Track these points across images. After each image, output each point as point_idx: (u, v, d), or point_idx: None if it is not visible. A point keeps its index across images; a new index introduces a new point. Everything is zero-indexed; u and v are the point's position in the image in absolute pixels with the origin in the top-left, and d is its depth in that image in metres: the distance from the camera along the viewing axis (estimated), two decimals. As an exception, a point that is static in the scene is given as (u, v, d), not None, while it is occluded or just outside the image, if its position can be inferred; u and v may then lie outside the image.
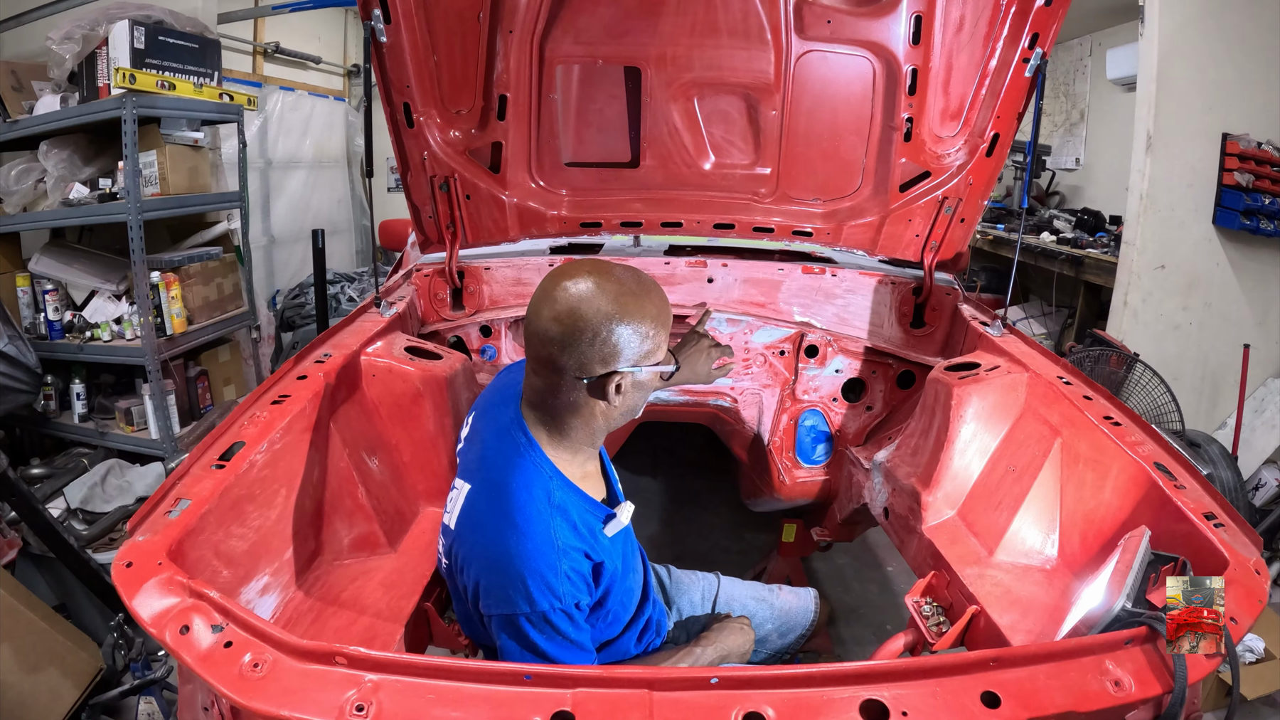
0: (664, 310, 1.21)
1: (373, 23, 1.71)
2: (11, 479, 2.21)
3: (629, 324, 1.14)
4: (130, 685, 2.10)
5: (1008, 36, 1.77)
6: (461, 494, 1.25)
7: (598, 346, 1.14)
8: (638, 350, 1.17)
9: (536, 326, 1.16)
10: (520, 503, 1.16)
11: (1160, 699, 0.91)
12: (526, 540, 1.13)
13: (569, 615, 1.15)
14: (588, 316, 1.12)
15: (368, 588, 1.37)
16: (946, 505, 1.65)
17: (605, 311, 1.13)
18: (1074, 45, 5.41)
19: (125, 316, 3.06)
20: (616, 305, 1.14)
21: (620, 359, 1.16)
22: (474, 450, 1.31)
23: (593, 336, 1.13)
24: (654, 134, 2.09)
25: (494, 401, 1.35)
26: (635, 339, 1.16)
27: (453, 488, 1.30)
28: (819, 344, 2.21)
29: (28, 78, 3.15)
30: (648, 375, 1.19)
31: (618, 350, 1.15)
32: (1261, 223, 3.39)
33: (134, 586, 0.95)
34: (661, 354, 1.21)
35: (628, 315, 1.14)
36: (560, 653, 1.15)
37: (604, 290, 1.14)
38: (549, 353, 1.15)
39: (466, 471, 1.28)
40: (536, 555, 1.13)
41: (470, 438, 1.35)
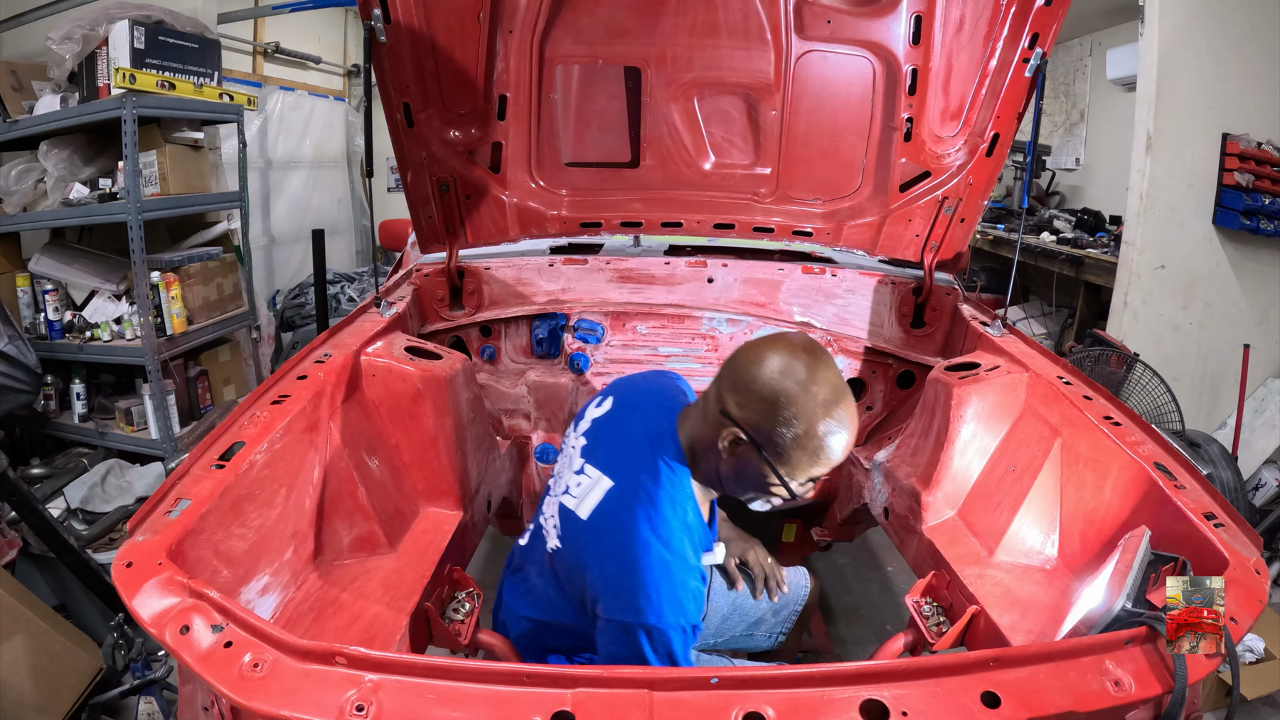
0: (840, 447, 1.14)
1: (373, 23, 1.71)
2: (11, 479, 2.21)
3: (807, 430, 1.10)
4: (130, 685, 2.10)
5: (1008, 36, 1.77)
6: (599, 487, 1.23)
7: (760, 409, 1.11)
8: (784, 449, 1.12)
9: (743, 357, 1.16)
10: (666, 516, 1.17)
11: (1160, 699, 0.91)
12: (668, 554, 1.14)
13: (684, 635, 1.15)
14: (791, 390, 1.10)
15: (368, 588, 1.37)
16: (946, 505, 1.65)
17: (797, 398, 1.10)
18: (1074, 45, 5.41)
19: (125, 316, 3.06)
20: (814, 404, 1.10)
21: (761, 431, 1.12)
22: (615, 442, 1.29)
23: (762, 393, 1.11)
24: (654, 134, 2.09)
25: (648, 402, 1.33)
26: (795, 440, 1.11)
27: (579, 471, 1.28)
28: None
29: (28, 78, 3.15)
30: (759, 468, 1.15)
31: (768, 422, 1.11)
32: (1261, 223, 3.39)
33: (134, 586, 0.95)
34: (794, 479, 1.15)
35: (807, 419, 1.10)
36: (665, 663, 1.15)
37: (832, 396, 1.11)
38: (726, 377, 1.17)
39: (605, 464, 1.26)
40: (674, 570, 1.14)
41: (608, 423, 1.33)
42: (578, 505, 1.25)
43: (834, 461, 1.14)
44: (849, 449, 1.16)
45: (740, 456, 1.16)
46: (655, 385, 1.39)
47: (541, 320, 2.22)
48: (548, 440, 2.26)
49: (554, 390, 2.21)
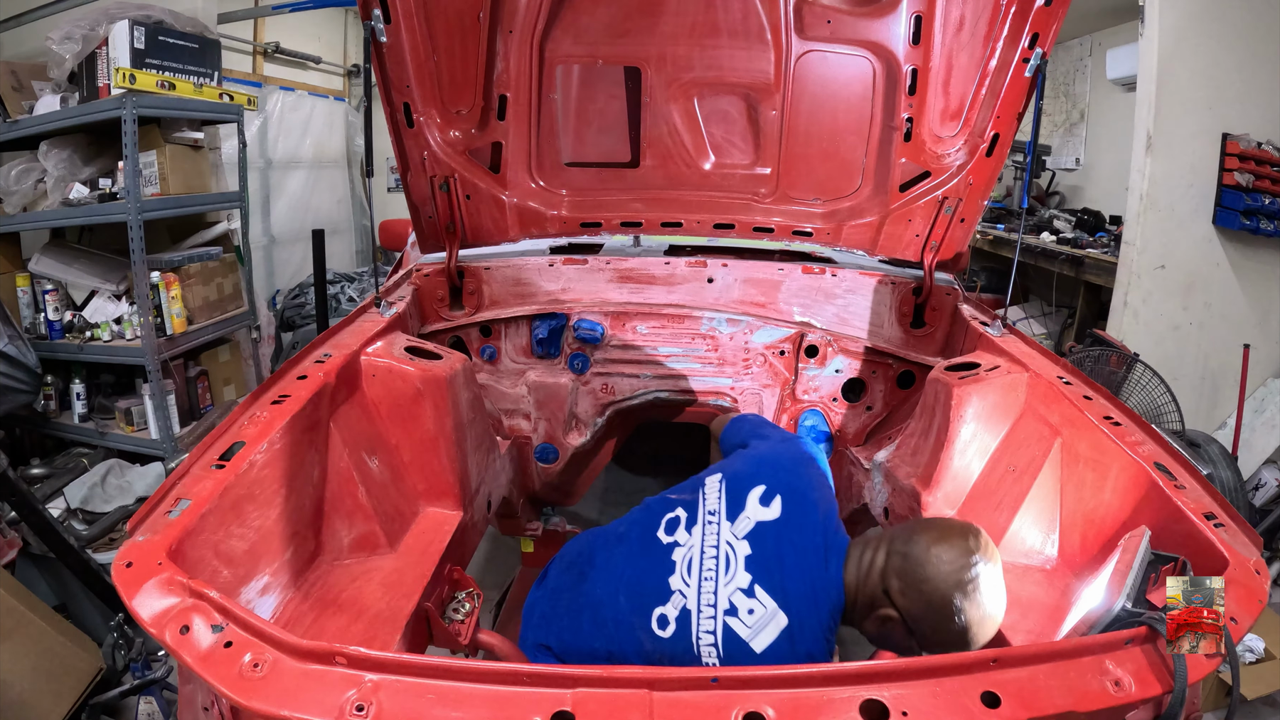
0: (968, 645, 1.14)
1: (373, 23, 1.71)
2: (11, 479, 2.21)
3: (951, 629, 1.12)
4: (130, 685, 2.10)
5: (1008, 36, 1.77)
6: (775, 623, 1.19)
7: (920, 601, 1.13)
8: (928, 637, 1.15)
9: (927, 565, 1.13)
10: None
11: (1160, 699, 0.91)
12: None
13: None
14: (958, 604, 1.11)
15: (368, 588, 1.37)
16: (946, 505, 1.65)
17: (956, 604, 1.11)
18: (1074, 45, 5.41)
19: (125, 316, 3.06)
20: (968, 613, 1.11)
21: (916, 622, 1.14)
22: (792, 573, 1.23)
23: (929, 599, 1.12)
24: (654, 134, 2.09)
25: (817, 530, 1.28)
26: (937, 634, 1.13)
27: (749, 592, 1.22)
28: (819, 344, 2.21)
29: (28, 78, 3.15)
30: (901, 639, 1.17)
31: (924, 612, 1.13)
32: (1261, 223, 3.39)
33: (134, 586, 0.95)
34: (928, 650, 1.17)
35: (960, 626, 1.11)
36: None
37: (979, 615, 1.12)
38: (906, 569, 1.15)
39: (781, 595, 1.21)
40: None
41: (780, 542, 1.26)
42: (752, 638, 1.20)
43: (963, 645, 1.15)
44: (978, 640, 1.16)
45: (888, 628, 1.18)
46: (824, 497, 1.35)
47: (541, 320, 2.22)
48: (548, 440, 2.26)
49: (554, 390, 2.21)
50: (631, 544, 1.39)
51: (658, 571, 1.31)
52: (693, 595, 1.25)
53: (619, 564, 1.38)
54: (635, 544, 1.39)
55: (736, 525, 1.30)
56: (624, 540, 1.42)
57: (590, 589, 1.38)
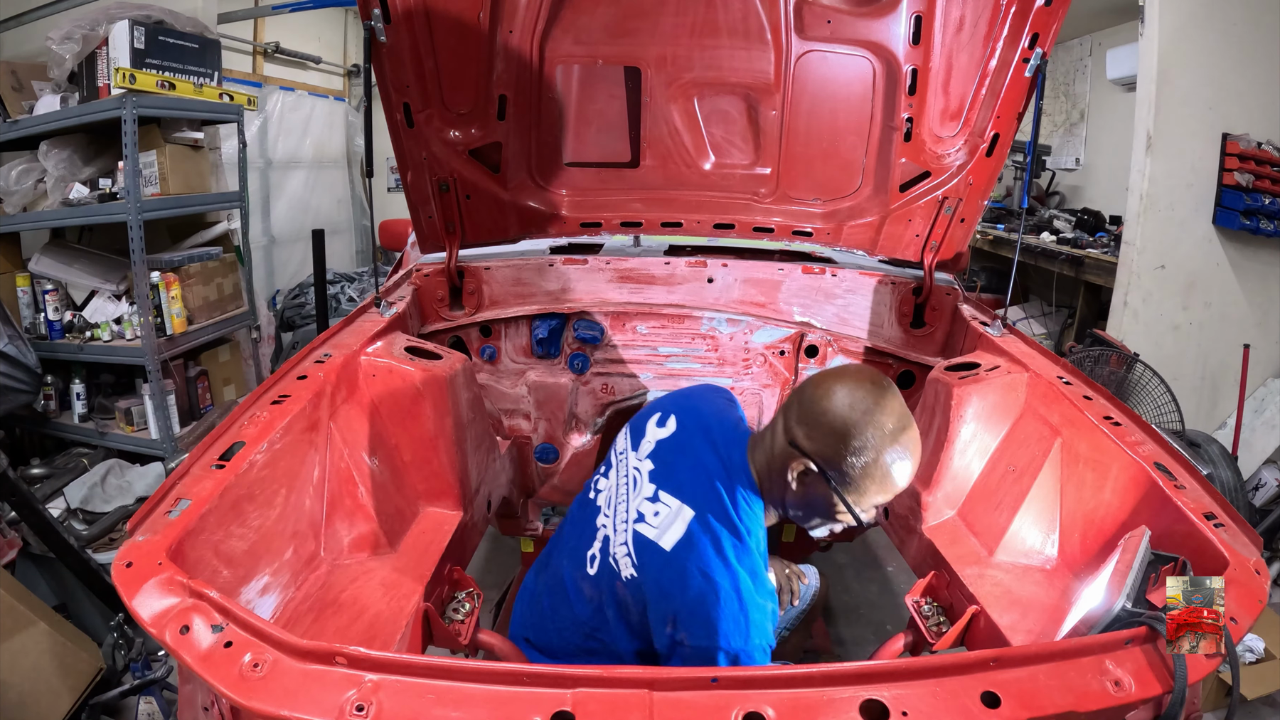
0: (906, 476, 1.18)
1: (373, 23, 1.70)
2: (11, 479, 2.21)
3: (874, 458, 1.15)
4: (130, 685, 2.10)
5: (1008, 36, 1.77)
6: (680, 517, 1.24)
7: (816, 423, 1.16)
8: (852, 479, 1.16)
9: (822, 399, 1.18)
10: (749, 547, 1.21)
11: (1160, 699, 0.91)
12: (753, 583, 1.19)
13: (765, 654, 1.18)
14: (859, 421, 1.15)
15: (368, 588, 1.37)
16: (946, 505, 1.65)
17: (865, 430, 1.14)
18: (1074, 45, 5.41)
19: (125, 316, 3.06)
20: (882, 434, 1.14)
21: (830, 461, 1.17)
22: (690, 470, 1.29)
23: (823, 415, 1.16)
24: (654, 134, 2.09)
25: (714, 427, 1.34)
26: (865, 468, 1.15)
27: (654, 499, 1.28)
28: (819, 344, 2.21)
29: (28, 78, 3.15)
30: (826, 492, 1.19)
31: (835, 451, 1.15)
32: (1261, 223, 3.39)
33: (134, 586, 0.95)
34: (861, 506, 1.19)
35: (875, 450, 1.14)
36: None
37: (897, 426, 1.16)
38: (793, 402, 1.21)
39: (683, 492, 1.26)
40: (758, 597, 1.18)
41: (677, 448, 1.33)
42: (659, 536, 1.25)
43: (899, 488, 1.18)
44: (914, 475, 1.20)
45: (809, 486, 1.20)
46: (717, 407, 1.40)
47: (541, 320, 2.22)
48: (548, 440, 2.26)
49: (554, 390, 2.21)
50: (572, 515, 1.49)
51: (588, 523, 1.40)
52: (610, 523, 1.35)
53: (565, 538, 1.47)
54: (574, 513, 1.49)
55: (640, 451, 1.37)
56: (568, 517, 1.51)
57: (550, 572, 1.46)
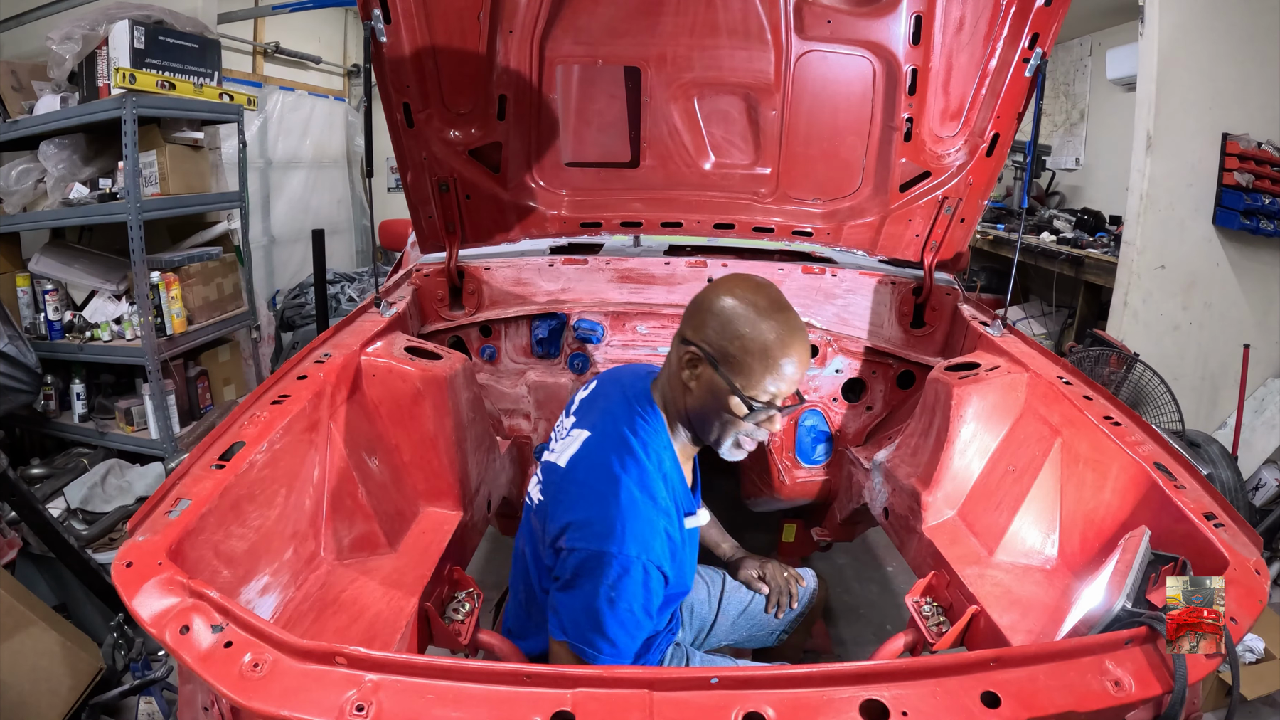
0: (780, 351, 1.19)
1: (373, 23, 1.70)
2: (11, 479, 2.21)
3: (748, 331, 1.18)
4: (130, 685, 2.10)
5: (1008, 36, 1.77)
6: (578, 439, 1.30)
7: (702, 318, 1.21)
8: (726, 349, 1.19)
9: (707, 295, 1.24)
10: (639, 457, 1.23)
11: (1160, 699, 0.91)
12: (639, 490, 1.20)
13: (647, 575, 1.17)
14: (717, 295, 1.21)
15: (368, 588, 1.37)
16: (946, 505, 1.65)
17: (730, 299, 1.20)
18: (1074, 45, 5.41)
19: (125, 316, 3.06)
20: (756, 311, 1.19)
21: (712, 344, 1.20)
22: (597, 405, 1.36)
23: (707, 307, 1.21)
24: (654, 134, 2.09)
25: (626, 373, 1.42)
26: (744, 351, 1.18)
27: (567, 434, 1.35)
28: (819, 344, 2.21)
29: (28, 78, 3.15)
30: (720, 381, 1.20)
31: (714, 334, 1.20)
32: (1261, 223, 3.39)
33: (134, 586, 0.95)
34: (759, 390, 1.20)
35: (751, 324, 1.18)
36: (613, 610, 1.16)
37: (750, 288, 1.22)
38: (693, 311, 1.25)
39: (586, 421, 1.33)
40: (644, 505, 1.19)
41: (592, 395, 1.41)
42: (558, 457, 1.31)
43: (786, 370, 1.20)
44: (801, 361, 1.21)
45: (700, 379, 1.22)
46: (635, 366, 1.48)
47: (541, 320, 2.22)
48: (548, 440, 2.26)
49: (554, 390, 2.21)
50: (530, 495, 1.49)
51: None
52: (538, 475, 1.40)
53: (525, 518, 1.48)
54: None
55: (569, 413, 1.43)
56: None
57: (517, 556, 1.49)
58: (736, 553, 1.75)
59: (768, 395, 1.21)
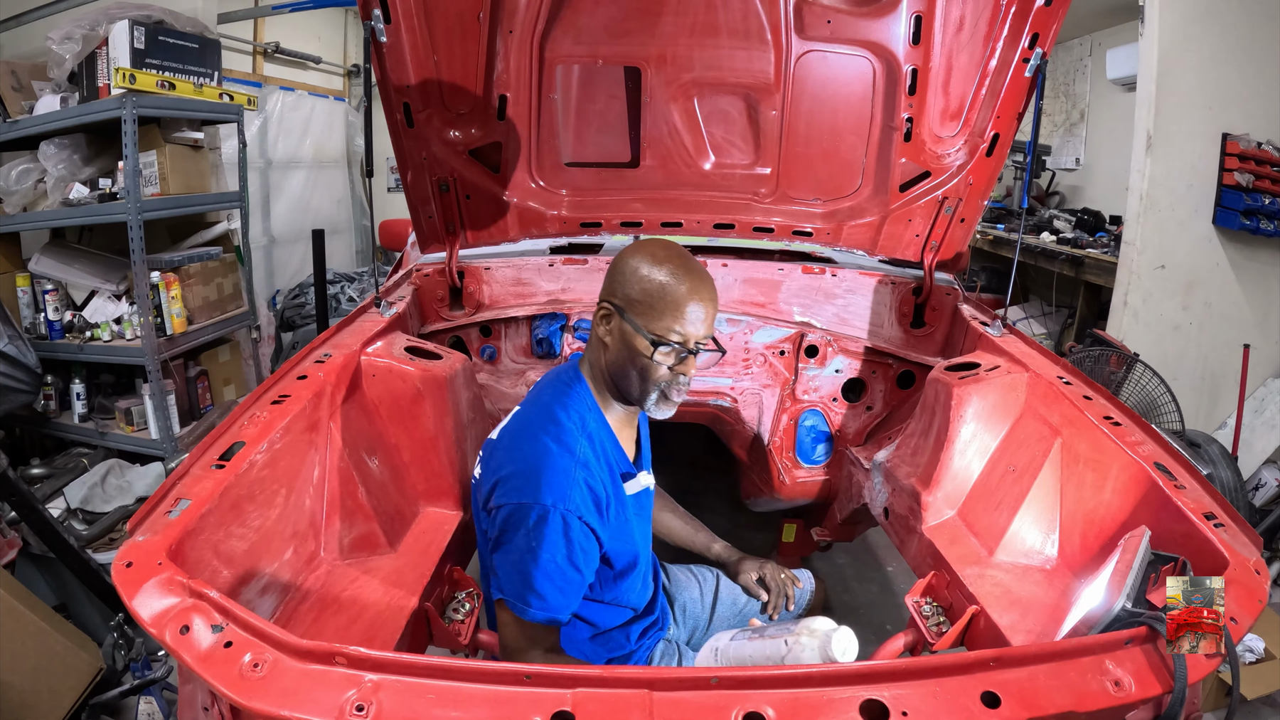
0: (689, 294, 1.26)
1: (373, 23, 1.70)
2: (11, 479, 2.21)
3: (647, 276, 1.25)
4: (130, 685, 2.10)
5: (1008, 36, 1.77)
6: (509, 415, 1.40)
7: (614, 277, 1.29)
8: (636, 301, 1.26)
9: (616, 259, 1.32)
10: (558, 416, 1.30)
11: (1160, 699, 0.91)
12: (554, 443, 1.26)
13: (567, 525, 1.21)
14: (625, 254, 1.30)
15: (368, 588, 1.37)
16: (946, 505, 1.65)
17: (637, 257, 1.28)
18: (1074, 45, 5.41)
19: (125, 316, 3.06)
20: (649, 257, 1.27)
21: (618, 295, 1.27)
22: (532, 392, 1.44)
23: (619, 268, 1.28)
24: (654, 134, 2.09)
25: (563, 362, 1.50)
26: (640, 291, 1.25)
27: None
28: (819, 344, 2.21)
29: (28, 78, 3.15)
30: (630, 330, 1.26)
31: (622, 289, 1.27)
32: (1261, 223, 3.39)
33: (134, 586, 0.95)
34: (664, 331, 1.26)
35: (650, 270, 1.26)
36: (537, 564, 1.20)
37: (656, 247, 1.30)
38: (606, 282, 1.31)
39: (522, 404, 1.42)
40: (559, 456, 1.24)
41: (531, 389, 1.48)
42: (494, 433, 1.40)
43: (688, 308, 1.24)
44: (704, 302, 1.27)
45: (613, 332, 1.29)
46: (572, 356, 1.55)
47: (541, 320, 2.22)
48: None
49: (554, 390, 2.21)
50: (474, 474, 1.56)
51: None
52: None
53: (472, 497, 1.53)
54: None
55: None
56: None
57: None
58: (730, 554, 1.75)
59: (675, 335, 1.26)
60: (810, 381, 2.23)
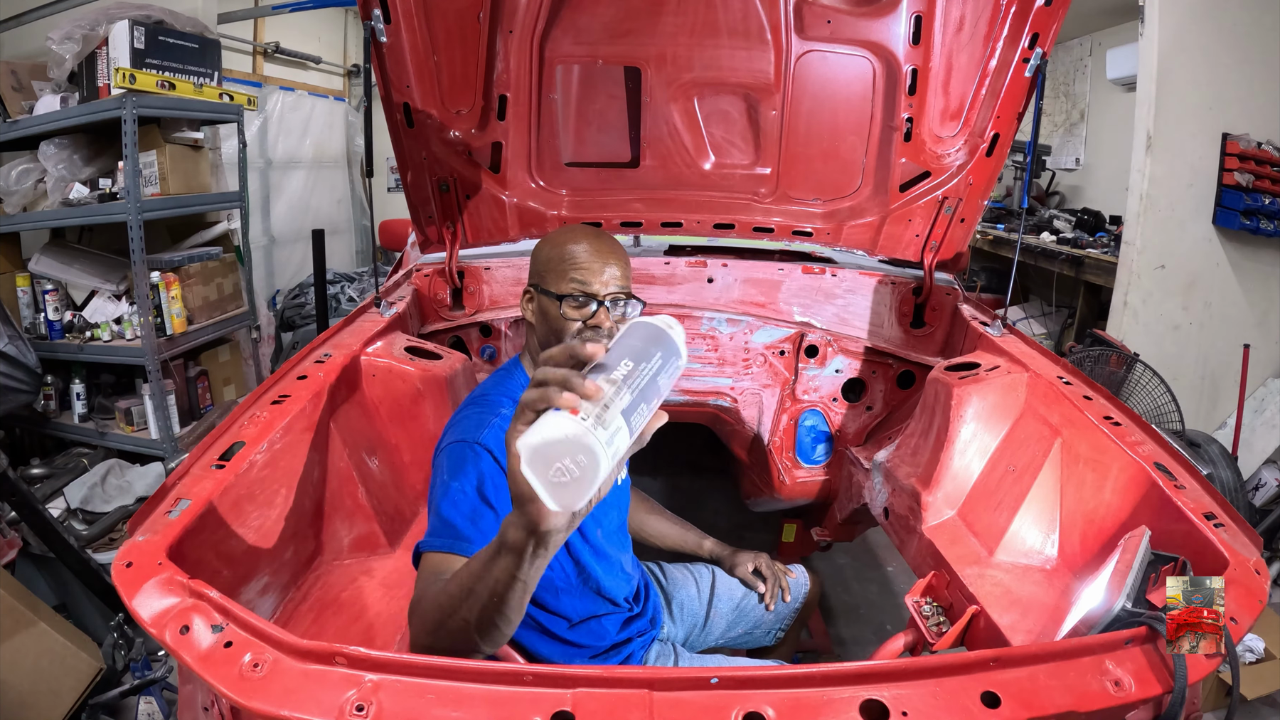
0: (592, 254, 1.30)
1: (373, 23, 1.71)
2: (11, 479, 2.21)
3: (550, 248, 1.33)
4: (130, 685, 2.10)
5: (1008, 36, 1.77)
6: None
7: (532, 264, 1.35)
8: (546, 274, 1.31)
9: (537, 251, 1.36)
10: (486, 388, 1.33)
11: (1160, 699, 0.91)
12: (473, 406, 1.28)
13: (476, 455, 1.17)
14: (540, 245, 1.37)
15: (368, 588, 1.37)
16: (946, 505, 1.65)
17: (545, 239, 1.37)
18: (1074, 45, 5.41)
19: (125, 316, 3.06)
20: (555, 234, 1.36)
21: (532, 276, 1.35)
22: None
23: (534, 255, 1.35)
24: (654, 134, 2.09)
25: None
26: (547, 262, 1.32)
27: None
28: (819, 344, 2.21)
29: (28, 78, 3.15)
30: (548, 302, 1.31)
31: (536, 268, 1.34)
32: (1261, 223, 3.39)
33: (134, 586, 0.95)
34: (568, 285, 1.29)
35: (553, 241, 1.34)
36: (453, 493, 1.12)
37: (566, 230, 1.36)
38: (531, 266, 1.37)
39: None
40: (475, 411, 1.25)
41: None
42: None
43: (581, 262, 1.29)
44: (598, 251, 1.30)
45: (535, 312, 1.34)
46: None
47: (541, 320, 2.22)
48: None
49: (554, 390, 2.21)
50: None
51: None
52: None
53: None
54: None
55: None
56: None
57: None
58: (722, 549, 1.75)
59: (575, 286, 1.29)
60: (810, 381, 2.23)
